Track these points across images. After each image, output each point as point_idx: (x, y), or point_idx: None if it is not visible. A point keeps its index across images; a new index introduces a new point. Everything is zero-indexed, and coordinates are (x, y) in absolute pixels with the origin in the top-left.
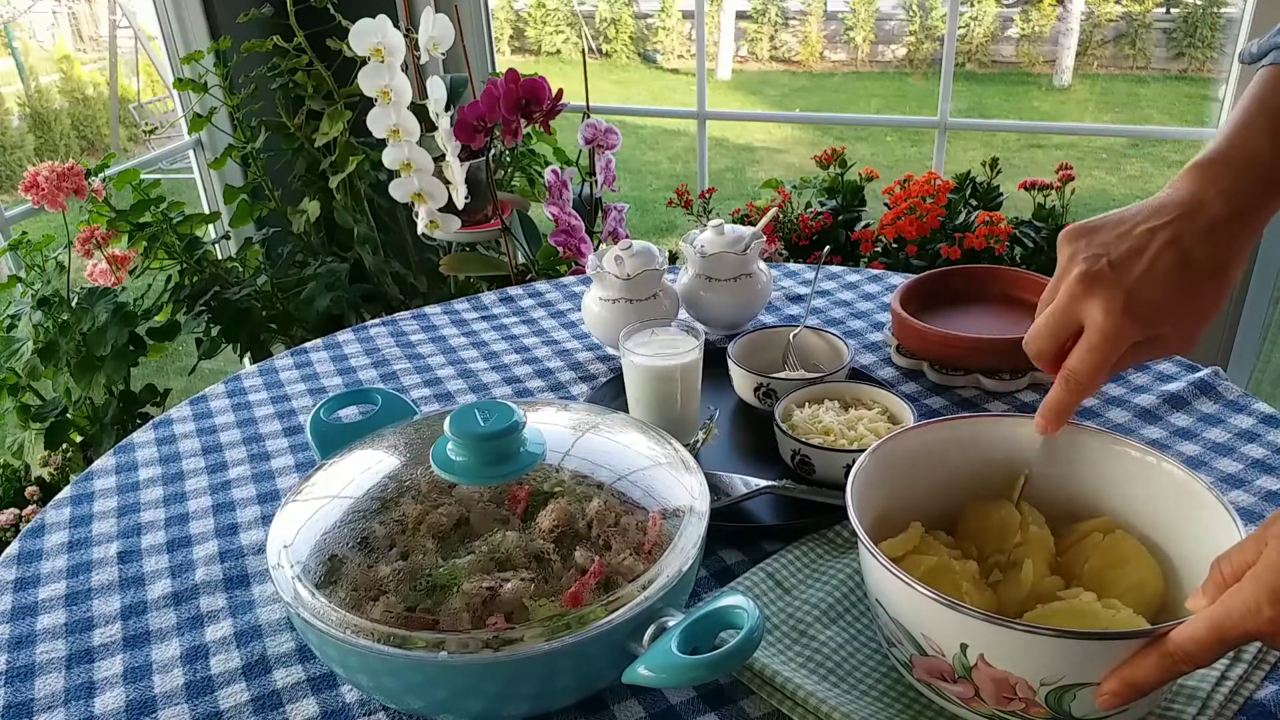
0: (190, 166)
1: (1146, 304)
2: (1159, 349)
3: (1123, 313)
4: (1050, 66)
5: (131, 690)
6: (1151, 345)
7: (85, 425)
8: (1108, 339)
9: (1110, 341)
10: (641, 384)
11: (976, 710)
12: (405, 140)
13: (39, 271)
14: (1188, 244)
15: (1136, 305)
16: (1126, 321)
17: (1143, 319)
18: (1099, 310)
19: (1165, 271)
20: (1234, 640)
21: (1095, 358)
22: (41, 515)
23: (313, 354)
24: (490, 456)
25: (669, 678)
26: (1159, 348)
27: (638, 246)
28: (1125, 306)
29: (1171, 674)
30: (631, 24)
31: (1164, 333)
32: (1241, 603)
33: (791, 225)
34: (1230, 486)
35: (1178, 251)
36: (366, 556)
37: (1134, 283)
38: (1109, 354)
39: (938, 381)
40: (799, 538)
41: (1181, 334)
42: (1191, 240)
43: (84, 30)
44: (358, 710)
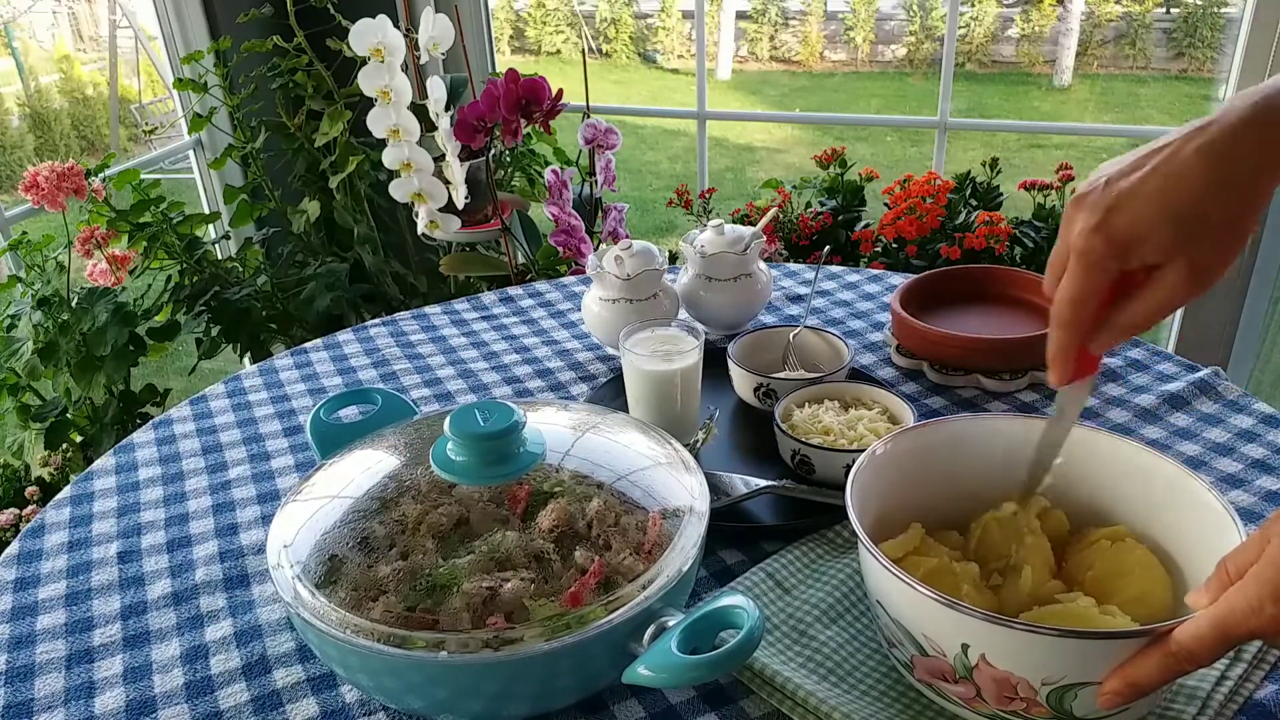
0: (190, 166)
1: (1125, 222)
2: (1163, 290)
3: (1094, 230)
4: (1050, 66)
5: (131, 690)
6: (1153, 283)
7: (85, 425)
8: (1080, 258)
9: (1083, 262)
10: (641, 384)
11: (978, 710)
12: (405, 140)
13: (39, 271)
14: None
15: (1112, 223)
16: (1098, 240)
17: (1119, 238)
18: (1077, 230)
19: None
20: (1237, 639)
21: (1072, 284)
22: (41, 515)
23: (313, 354)
24: (490, 456)
25: (669, 678)
26: (1162, 287)
27: (638, 246)
28: (1099, 224)
29: (1174, 673)
30: (631, 24)
31: (1157, 262)
32: (1244, 601)
33: (791, 225)
34: (1230, 486)
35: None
36: (366, 556)
37: (1115, 199)
38: (1084, 279)
39: (938, 381)
40: (799, 538)
41: (1184, 273)
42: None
43: (84, 30)
44: (358, 710)
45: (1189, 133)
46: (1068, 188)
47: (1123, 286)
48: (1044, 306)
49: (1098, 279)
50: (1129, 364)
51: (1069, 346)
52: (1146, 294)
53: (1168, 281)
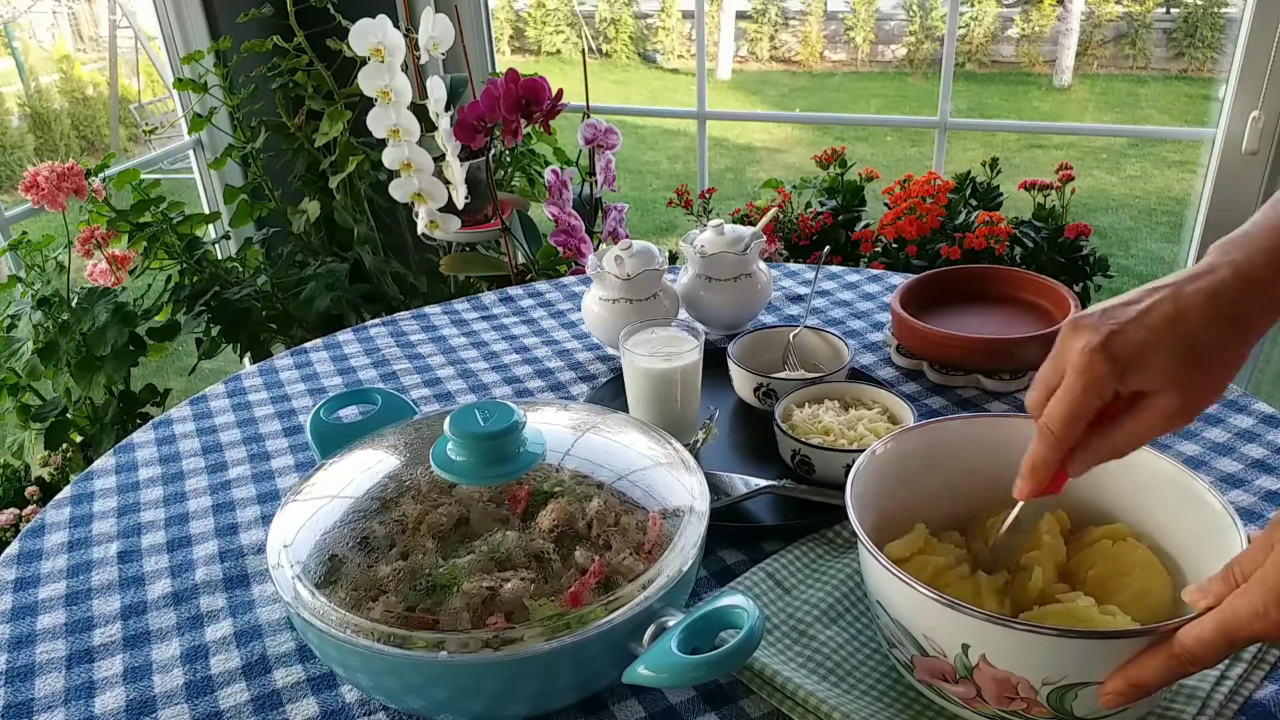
0: (190, 166)
1: (1127, 346)
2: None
3: (1099, 348)
4: (1050, 66)
5: (131, 690)
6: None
7: (85, 425)
8: (1079, 376)
9: (1082, 379)
10: (641, 384)
11: (978, 710)
12: (405, 140)
13: (39, 271)
14: (1185, 303)
15: (1115, 344)
16: (1100, 359)
17: (1120, 361)
18: (1077, 348)
19: (1156, 322)
20: (1241, 642)
21: (1066, 399)
22: (41, 515)
23: (313, 354)
24: (490, 456)
25: (669, 677)
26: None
27: (638, 246)
28: (1103, 343)
29: (1177, 675)
30: (631, 24)
31: (1153, 390)
32: (1248, 604)
33: (791, 225)
34: (1230, 486)
35: (1174, 306)
36: (366, 556)
37: (1118, 325)
38: (1081, 397)
39: (938, 381)
40: (799, 538)
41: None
42: (1190, 301)
43: (84, 30)
44: (358, 710)
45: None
46: (1067, 188)
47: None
48: (1044, 306)
49: (1093, 398)
50: None
51: (1051, 462)
52: (1135, 420)
53: (1158, 409)
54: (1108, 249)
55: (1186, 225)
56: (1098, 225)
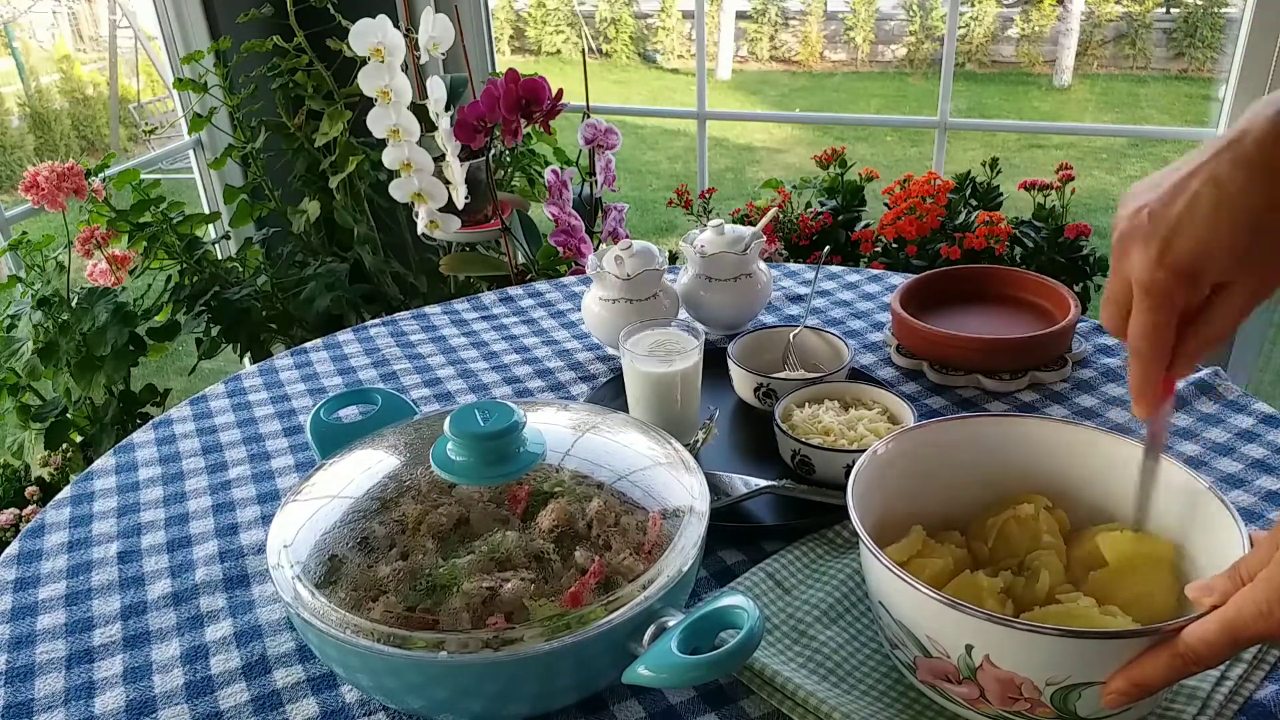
0: (190, 166)
1: (1186, 251)
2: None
3: (1157, 263)
4: (1050, 66)
5: (131, 690)
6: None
7: (85, 425)
8: (1149, 294)
9: (1152, 297)
10: (641, 384)
11: (981, 711)
12: (405, 140)
13: (39, 271)
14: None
15: (1174, 253)
16: (1163, 273)
17: (1184, 269)
18: (1137, 266)
19: (1206, 212)
20: (1245, 641)
21: (1144, 319)
22: (41, 515)
23: (313, 354)
24: (490, 456)
25: (669, 678)
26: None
27: (638, 246)
28: (1159, 256)
29: (1180, 674)
30: (631, 24)
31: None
32: (1253, 604)
33: (791, 225)
34: (1230, 486)
35: (1216, 187)
36: (366, 556)
37: (1170, 229)
38: (1157, 311)
39: (938, 381)
40: (799, 538)
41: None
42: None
43: (84, 30)
44: (358, 710)
45: (1220, 149)
46: (1067, 188)
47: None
48: (1044, 306)
49: (1170, 310)
50: (1128, 363)
51: (1153, 377)
52: (1217, 313)
53: (1235, 298)
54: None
55: None
56: (1098, 225)
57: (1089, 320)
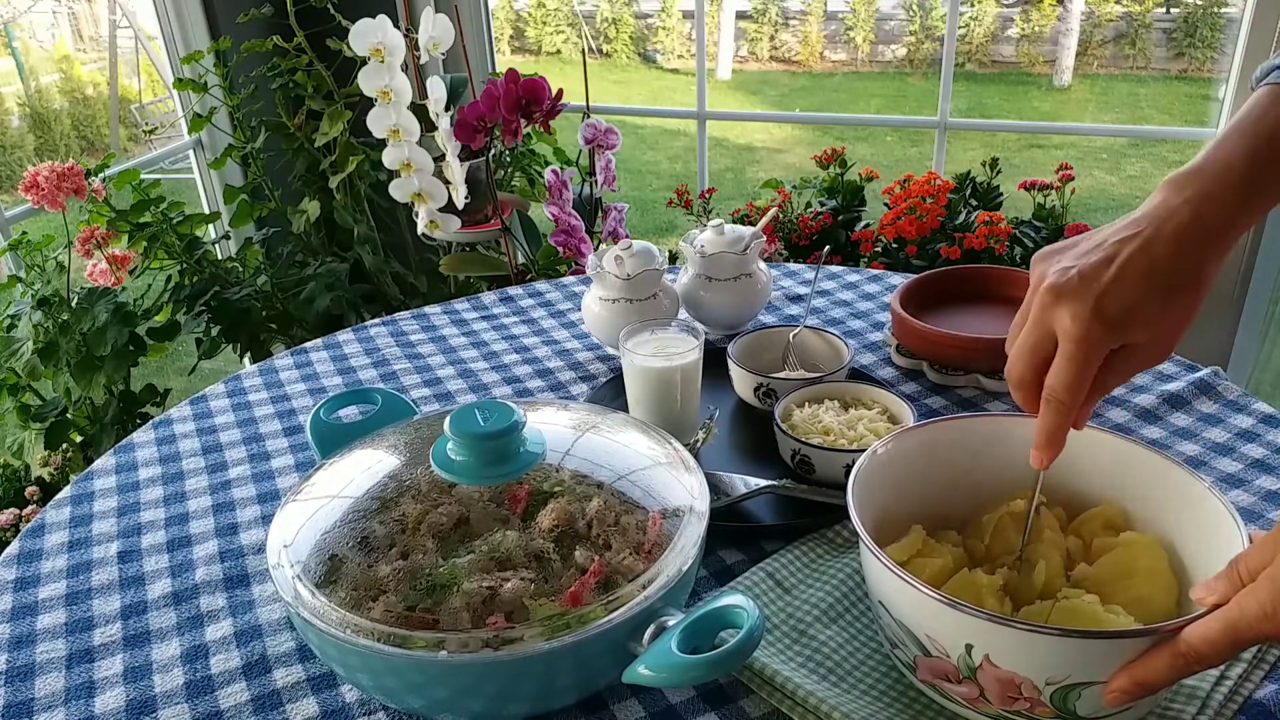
0: (190, 166)
1: (1116, 308)
2: (1136, 361)
3: (1092, 316)
4: (1050, 66)
5: (131, 690)
6: (1128, 357)
7: (85, 425)
8: (1080, 345)
9: (1083, 347)
10: (641, 384)
11: (981, 710)
12: (405, 140)
13: (39, 271)
14: (1156, 251)
15: (1106, 309)
16: (1096, 325)
17: (1113, 323)
18: (1068, 317)
19: (1135, 278)
20: (1247, 641)
21: (1071, 368)
22: (41, 515)
23: (313, 354)
24: (490, 456)
25: (669, 677)
26: (1136, 360)
27: (638, 246)
28: (1095, 310)
29: (1182, 673)
30: (631, 24)
31: (1138, 341)
32: (1256, 604)
33: (791, 225)
34: (1230, 486)
35: (1146, 258)
36: (366, 556)
37: (1103, 289)
38: (1084, 362)
39: (938, 381)
40: (799, 538)
41: (1156, 344)
42: (1160, 247)
43: (84, 30)
44: (358, 710)
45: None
46: (1067, 188)
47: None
48: None
49: (1094, 363)
50: None
51: (1065, 428)
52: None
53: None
54: None
55: None
56: (1098, 225)
57: None
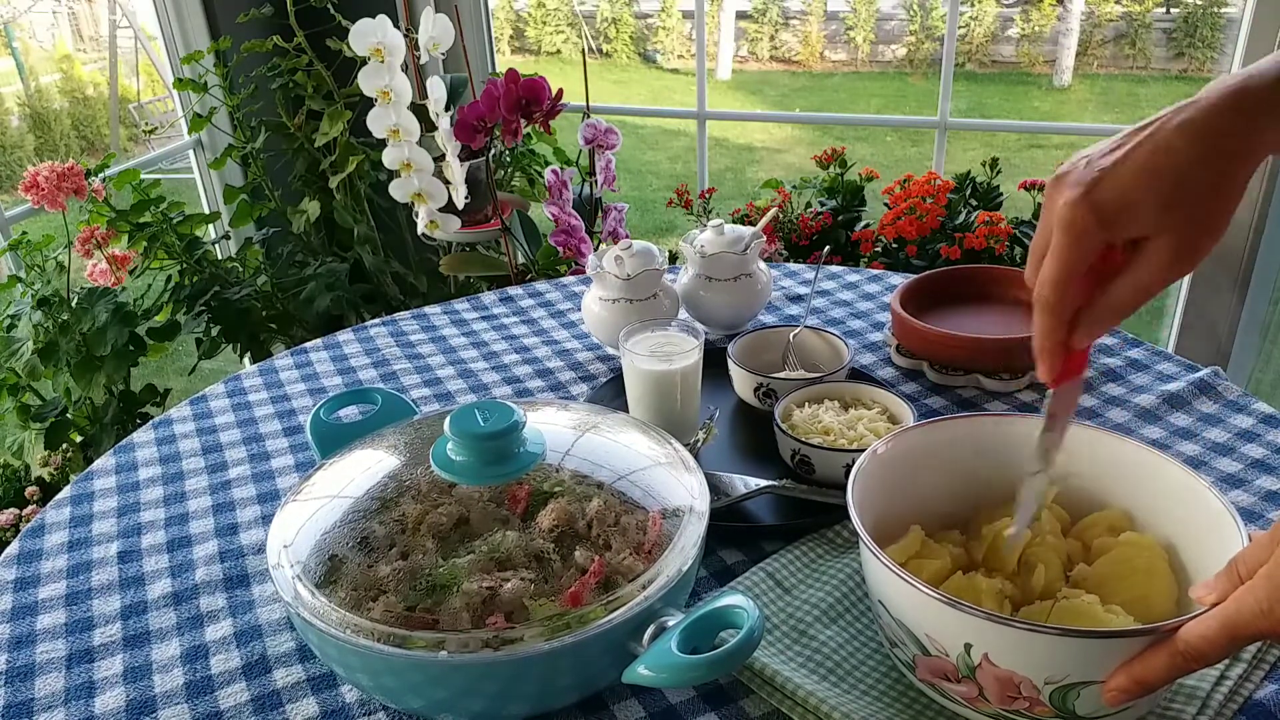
0: (190, 166)
1: (1112, 193)
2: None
3: (1080, 200)
4: (1050, 66)
5: (131, 690)
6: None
7: (85, 425)
8: (1066, 232)
9: (1069, 235)
10: (641, 384)
11: (980, 710)
12: (405, 140)
13: (39, 271)
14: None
15: (1099, 194)
16: (1083, 211)
17: (1105, 212)
18: (1061, 202)
19: (1138, 164)
20: (1245, 639)
21: (1056, 260)
22: (41, 515)
23: (313, 354)
24: (490, 456)
25: (669, 677)
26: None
27: (638, 246)
28: (1084, 194)
29: (1181, 671)
30: (631, 24)
31: (1146, 236)
32: (1253, 602)
33: (791, 225)
34: (1230, 486)
35: (1154, 144)
36: (366, 556)
37: (1099, 174)
38: (1067, 254)
39: (938, 381)
40: (799, 538)
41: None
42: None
43: (84, 30)
44: (358, 710)
45: (1169, 113)
46: None
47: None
48: None
49: (1083, 252)
50: (1129, 364)
51: (1056, 331)
52: (1131, 272)
53: (1152, 257)
54: None
55: None
56: None
57: None
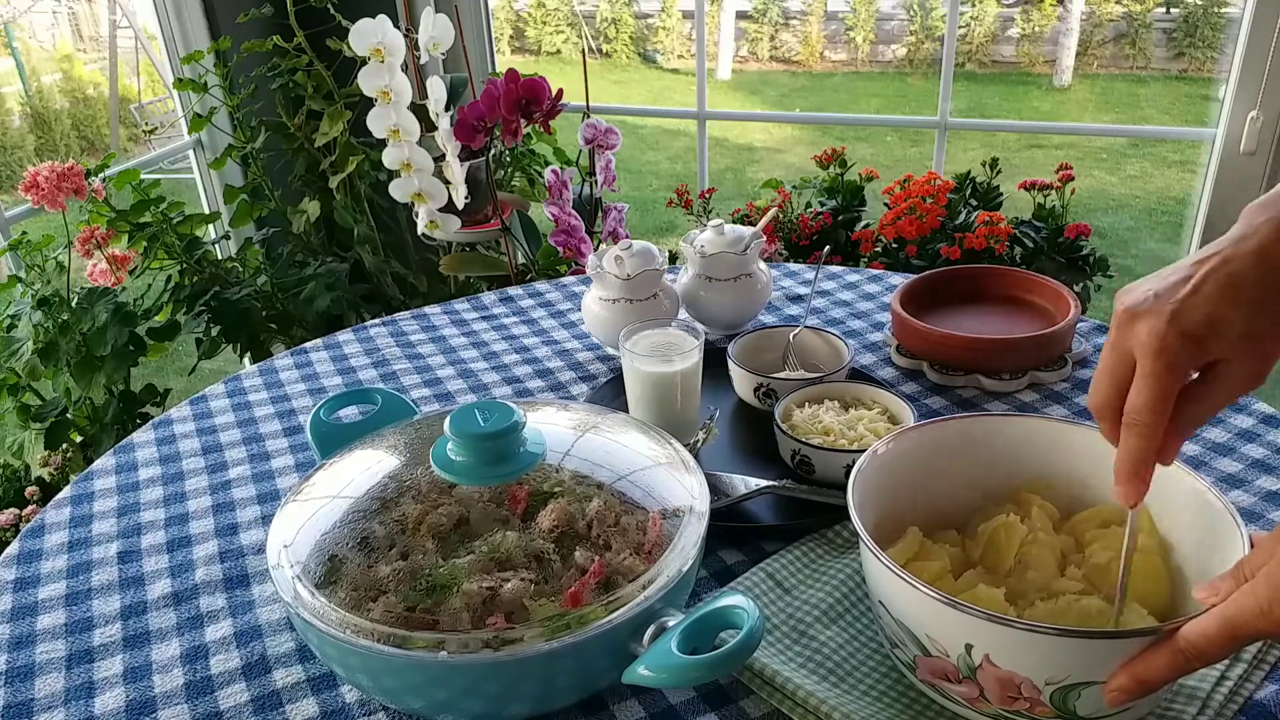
0: (190, 166)
1: (1194, 320)
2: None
3: (1168, 328)
4: (1050, 66)
5: (131, 690)
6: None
7: (85, 425)
8: (1158, 359)
9: (1161, 362)
10: (641, 384)
11: (981, 710)
12: (405, 140)
13: (39, 271)
14: (1236, 266)
15: (1183, 321)
16: (1173, 337)
17: (1192, 335)
18: (1145, 332)
19: (1214, 291)
20: (1245, 638)
21: (1151, 385)
22: (41, 515)
23: (313, 354)
24: (490, 456)
25: (669, 678)
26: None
27: (638, 246)
28: (1171, 322)
29: (1181, 671)
30: (631, 24)
31: (1223, 356)
32: (1253, 601)
33: (791, 225)
34: (1230, 486)
35: (1225, 274)
36: (366, 556)
37: (1179, 302)
38: (1164, 379)
39: (938, 381)
40: (799, 538)
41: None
42: (1240, 263)
43: (84, 30)
44: (358, 710)
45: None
46: (1067, 188)
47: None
48: (1044, 306)
49: (1176, 378)
50: None
51: (1150, 454)
52: (1209, 391)
53: (1231, 376)
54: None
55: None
56: (1098, 225)
57: (1089, 320)
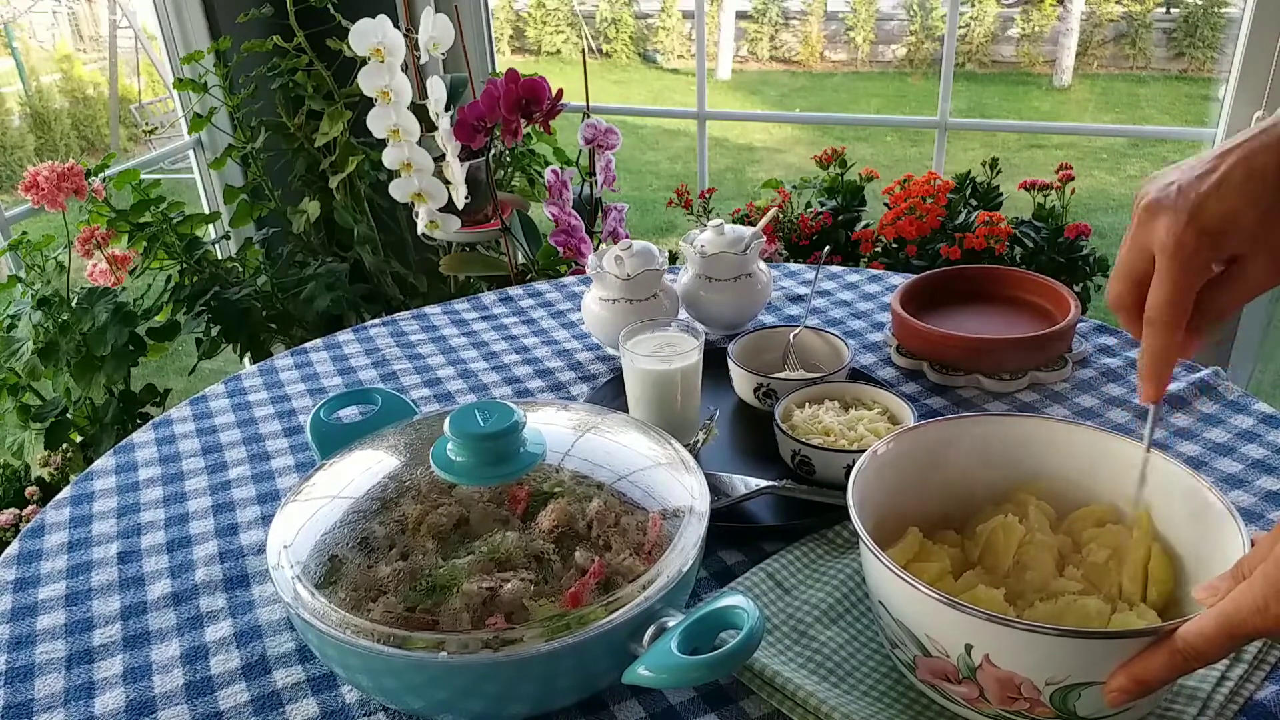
0: (190, 166)
1: (1213, 216)
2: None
3: (1187, 226)
4: (1050, 66)
5: (131, 690)
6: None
7: (85, 425)
8: (1175, 257)
9: (1179, 258)
10: (641, 384)
11: (981, 710)
12: (405, 140)
13: (39, 271)
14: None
15: (1202, 218)
16: (1191, 234)
17: (1210, 232)
18: (1163, 229)
19: (1236, 185)
20: (1243, 637)
21: (1169, 282)
22: (41, 515)
23: (313, 354)
24: (490, 456)
25: (669, 678)
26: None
27: (638, 246)
28: (1190, 219)
29: (1180, 670)
30: (631, 24)
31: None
32: (1250, 599)
33: (791, 225)
34: (1230, 486)
35: (1247, 166)
36: (366, 557)
37: (1200, 197)
38: (1182, 279)
39: (938, 381)
40: (799, 538)
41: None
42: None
43: (84, 30)
44: (358, 710)
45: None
46: (1067, 188)
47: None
48: (1044, 306)
49: (1195, 274)
50: (1129, 364)
51: (1169, 350)
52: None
53: (1250, 271)
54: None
55: None
56: (1098, 225)
57: (1089, 320)
